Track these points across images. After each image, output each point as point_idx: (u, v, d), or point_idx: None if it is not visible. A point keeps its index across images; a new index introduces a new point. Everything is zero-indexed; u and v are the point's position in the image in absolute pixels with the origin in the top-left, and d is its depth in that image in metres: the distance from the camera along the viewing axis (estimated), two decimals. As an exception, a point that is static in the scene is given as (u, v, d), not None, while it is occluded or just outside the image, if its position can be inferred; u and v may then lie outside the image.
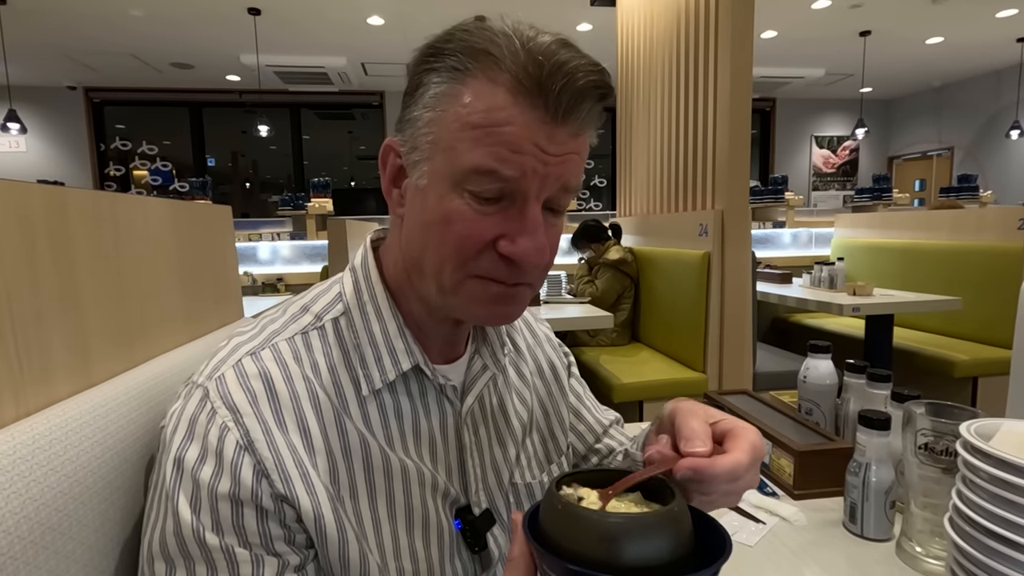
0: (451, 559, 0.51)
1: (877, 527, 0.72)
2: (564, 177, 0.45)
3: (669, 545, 0.33)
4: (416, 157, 0.46)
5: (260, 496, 0.42)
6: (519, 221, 0.44)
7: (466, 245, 0.44)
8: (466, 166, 0.43)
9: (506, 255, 0.45)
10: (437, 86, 0.44)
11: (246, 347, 0.48)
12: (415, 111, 0.46)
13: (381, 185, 0.51)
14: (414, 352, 0.50)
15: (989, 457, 0.51)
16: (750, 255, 2.28)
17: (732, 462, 0.41)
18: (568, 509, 0.34)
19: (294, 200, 4.66)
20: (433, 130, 0.45)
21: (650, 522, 0.33)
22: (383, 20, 5.04)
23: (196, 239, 0.78)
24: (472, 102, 0.43)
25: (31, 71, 6.15)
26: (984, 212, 3.13)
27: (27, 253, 0.44)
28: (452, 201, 0.44)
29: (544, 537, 0.35)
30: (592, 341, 2.91)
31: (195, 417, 0.44)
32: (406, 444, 0.50)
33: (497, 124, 0.42)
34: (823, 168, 8.49)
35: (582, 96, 0.43)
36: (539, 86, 0.42)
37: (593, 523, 0.33)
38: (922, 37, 6.00)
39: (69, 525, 0.41)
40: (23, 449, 0.38)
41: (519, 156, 0.42)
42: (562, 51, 0.42)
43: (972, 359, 2.51)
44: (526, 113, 0.42)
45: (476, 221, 0.44)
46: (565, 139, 0.44)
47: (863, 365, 0.89)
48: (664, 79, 2.78)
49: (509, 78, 0.42)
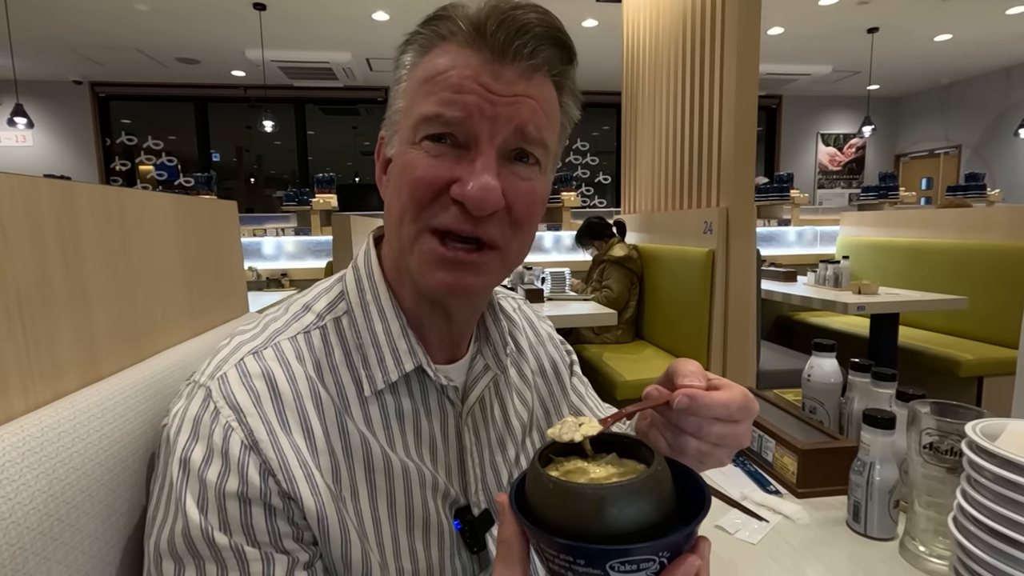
0: (451, 559, 0.52)
1: (881, 526, 0.72)
2: (517, 119, 0.45)
3: (656, 506, 0.34)
4: (391, 133, 0.49)
5: (268, 495, 0.42)
6: (468, 164, 0.45)
7: (419, 188, 0.45)
8: (417, 117, 0.45)
9: (456, 198, 0.45)
10: (407, 63, 0.48)
11: (248, 346, 0.48)
12: (392, 95, 0.49)
13: (376, 176, 0.53)
14: (416, 353, 0.50)
15: (994, 457, 0.51)
16: (755, 253, 2.27)
17: (726, 396, 0.43)
18: (559, 486, 0.34)
19: (298, 195, 4.66)
20: (399, 102, 0.48)
21: (638, 487, 0.33)
22: (388, 15, 5.04)
23: (201, 234, 0.78)
24: (427, 62, 0.46)
25: (37, 65, 6.17)
26: (991, 211, 3.11)
27: (35, 247, 0.44)
28: (409, 152, 0.46)
29: (534, 514, 0.35)
30: (596, 339, 2.90)
31: (199, 417, 0.44)
32: (407, 444, 0.50)
33: (442, 71, 0.45)
34: (829, 166, 8.44)
35: (522, 32, 0.44)
36: (477, 29, 0.44)
37: (586, 496, 0.33)
38: (931, 34, 5.95)
39: (77, 516, 0.41)
40: (32, 441, 0.39)
41: (462, 96, 0.44)
42: (509, 3, 0.44)
43: (978, 359, 2.50)
44: (469, 57, 0.44)
45: (430, 166, 0.45)
46: (513, 79, 0.45)
47: (868, 364, 0.89)
48: (669, 76, 2.76)
49: (457, 30, 0.45)
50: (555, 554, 0.33)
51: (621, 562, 0.31)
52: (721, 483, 0.88)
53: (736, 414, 0.43)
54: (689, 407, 0.42)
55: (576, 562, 0.32)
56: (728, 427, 0.44)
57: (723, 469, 0.93)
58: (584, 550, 0.31)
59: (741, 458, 0.96)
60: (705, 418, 0.43)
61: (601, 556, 0.31)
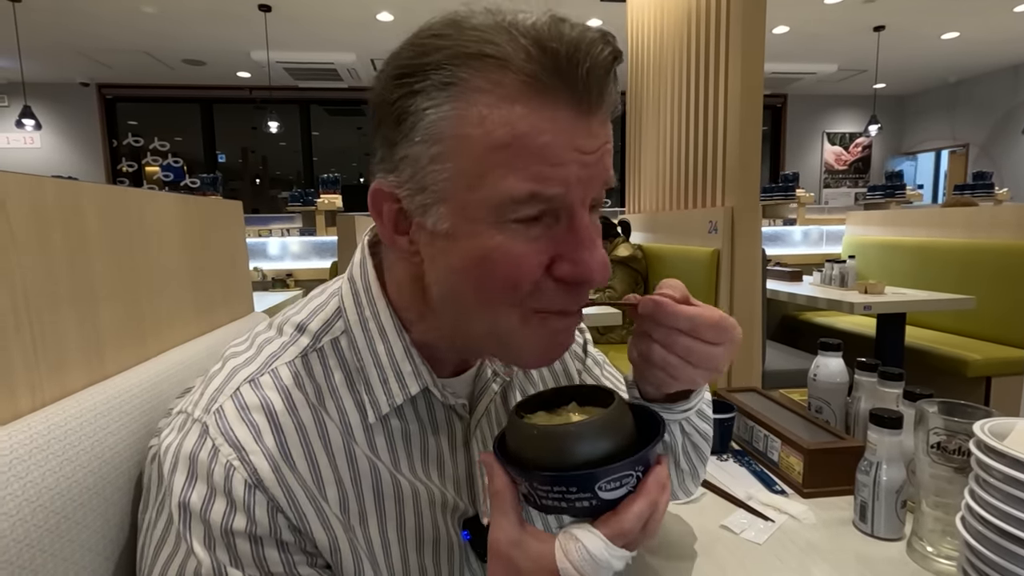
0: (460, 571, 0.51)
1: (888, 526, 0.72)
2: (605, 174, 0.40)
3: (622, 434, 0.40)
4: (426, 200, 0.40)
5: (279, 532, 0.41)
6: (571, 237, 0.39)
7: (519, 282, 0.39)
8: (502, 197, 0.37)
9: (566, 278, 0.40)
10: (431, 112, 0.37)
11: (243, 372, 0.45)
12: (411, 147, 0.39)
13: (379, 234, 0.45)
14: (422, 374, 0.47)
15: (1003, 456, 0.51)
16: (760, 252, 2.26)
17: (694, 310, 0.44)
18: (543, 431, 0.39)
19: (304, 196, 4.68)
20: (447, 166, 0.38)
21: (606, 420, 0.39)
22: (392, 16, 5.05)
23: (207, 234, 0.79)
24: (488, 119, 0.36)
25: (45, 68, 6.21)
26: (999, 210, 3.08)
27: (42, 246, 0.44)
28: (491, 238, 0.38)
29: (519, 462, 0.40)
30: (601, 339, 2.90)
31: (195, 455, 0.40)
32: (414, 465, 0.48)
33: (525, 137, 0.36)
34: (835, 165, 8.40)
35: (607, 71, 0.38)
36: (561, 76, 0.36)
37: (568, 434, 0.38)
38: (938, 32, 5.91)
39: (84, 514, 0.41)
40: (39, 439, 0.39)
41: (560, 169, 0.37)
42: (564, 27, 0.36)
43: (985, 359, 2.48)
44: (556, 112, 0.37)
45: (524, 253, 0.39)
46: (599, 129, 0.39)
47: (875, 363, 0.88)
48: (674, 75, 2.76)
49: (522, 78, 0.36)
50: (548, 489, 0.38)
51: (607, 480, 0.37)
52: (726, 483, 0.88)
53: (703, 331, 0.44)
54: (654, 313, 0.43)
55: (569, 491, 0.37)
56: (695, 343, 0.44)
57: (728, 469, 0.93)
58: (574, 478, 0.37)
59: (746, 458, 0.96)
60: (670, 328, 0.44)
61: (589, 479, 0.37)
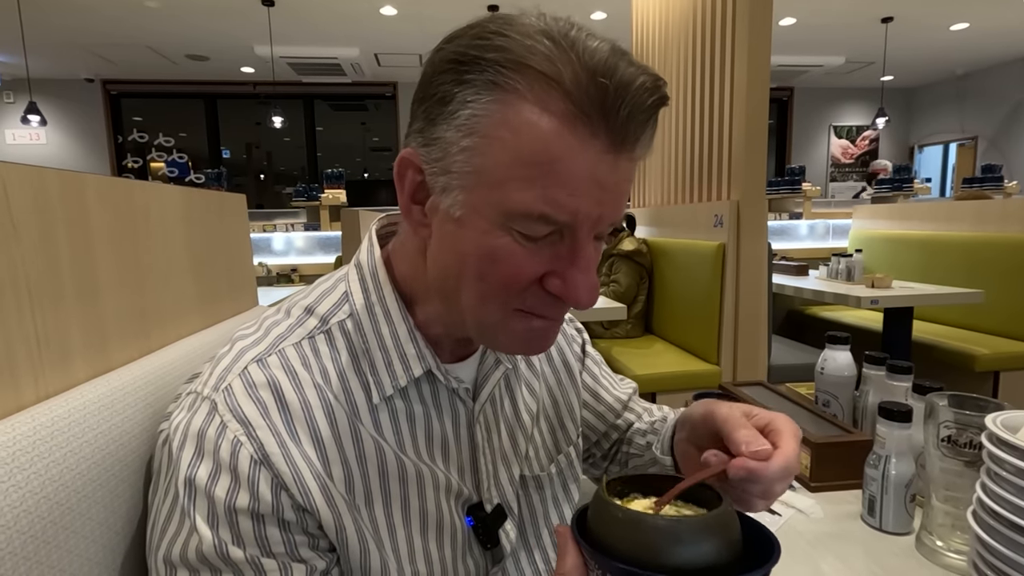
0: (463, 557, 0.51)
1: (896, 520, 0.71)
2: (617, 212, 0.41)
3: (723, 546, 0.34)
4: (450, 182, 0.41)
5: (281, 510, 0.41)
6: (570, 258, 0.41)
7: (512, 284, 0.42)
8: (516, 209, 0.39)
9: (555, 293, 0.42)
10: (474, 105, 0.39)
11: (251, 352, 0.46)
12: (447, 131, 0.40)
13: (398, 199, 0.46)
14: (426, 357, 0.48)
15: (1016, 450, 0.50)
16: (766, 246, 2.25)
17: (784, 459, 0.42)
18: (631, 516, 0.34)
19: (308, 191, 4.68)
20: (474, 160, 0.39)
21: (711, 523, 0.34)
22: (396, 10, 5.03)
23: (211, 227, 0.78)
24: (522, 130, 0.38)
25: (50, 64, 6.23)
26: (1008, 203, 3.05)
27: (45, 238, 0.44)
28: (498, 238, 0.40)
29: (597, 543, 0.35)
30: (606, 333, 2.89)
31: (203, 431, 0.42)
32: (418, 447, 0.49)
33: (552, 159, 0.37)
34: (841, 158, 8.34)
35: (648, 117, 0.39)
36: (602, 112, 0.37)
37: (660, 527, 0.33)
38: (946, 23, 5.84)
39: (87, 507, 0.41)
40: (43, 431, 0.39)
41: (575, 199, 0.38)
42: (621, 63, 0.37)
43: (994, 353, 2.46)
44: (586, 143, 0.37)
45: (524, 260, 0.41)
46: (625, 165, 0.40)
47: (883, 357, 0.88)
48: (680, 67, 2.74)
49: (567, 103, 0.37)
50: None
51: None
52: (733, 477, 0.87)
53: (794, 466, 0.43)
54: (747, 478, 0.41)
55: None
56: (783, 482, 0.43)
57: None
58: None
59: (753, 452, 0.96)
60: (769, 482, 0.42)
61: None
